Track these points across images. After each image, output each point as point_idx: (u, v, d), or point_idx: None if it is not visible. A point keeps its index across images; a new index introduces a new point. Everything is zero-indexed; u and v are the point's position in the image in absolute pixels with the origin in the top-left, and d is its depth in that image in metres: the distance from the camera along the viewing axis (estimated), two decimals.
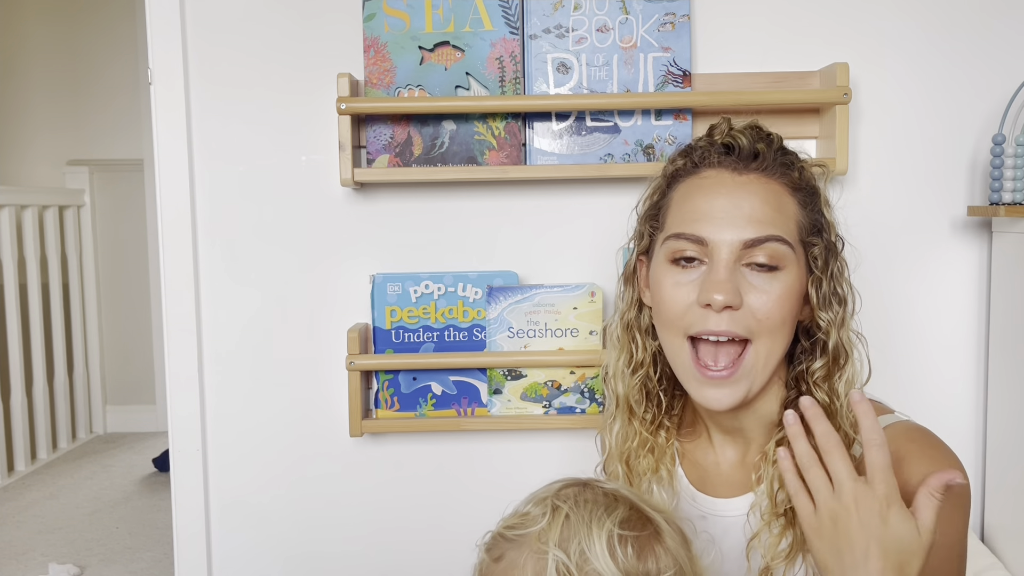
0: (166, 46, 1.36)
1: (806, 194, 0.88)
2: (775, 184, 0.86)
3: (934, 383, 1.41)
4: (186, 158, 1.38)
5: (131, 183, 3.71)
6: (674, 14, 1.33)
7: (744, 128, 0.89)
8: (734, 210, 0.84)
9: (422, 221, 1.40)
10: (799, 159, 0.90)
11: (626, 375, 0.96)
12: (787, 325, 0.86)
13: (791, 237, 0.85)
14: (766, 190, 0.85)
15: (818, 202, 0.89)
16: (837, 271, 0.89)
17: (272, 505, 1.43)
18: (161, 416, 3.63)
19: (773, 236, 0.83)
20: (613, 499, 0.73)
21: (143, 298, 3.71)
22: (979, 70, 1.37)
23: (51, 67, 3.83)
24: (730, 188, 0.85)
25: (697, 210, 0.86)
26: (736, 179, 0.86)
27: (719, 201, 0.85)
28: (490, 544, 0.76)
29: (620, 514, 0.71)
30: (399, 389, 1.36)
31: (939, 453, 0.84)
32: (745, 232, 0.83)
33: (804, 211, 0.87)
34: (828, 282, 0.87)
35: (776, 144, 0.89)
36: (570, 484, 0.77)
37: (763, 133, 0.90)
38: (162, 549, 2.48)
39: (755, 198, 0.84)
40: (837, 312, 0.88)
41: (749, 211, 0.84)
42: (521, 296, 1.33)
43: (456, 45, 1.33)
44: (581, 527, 0.70)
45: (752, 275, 0.84)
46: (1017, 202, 1.30)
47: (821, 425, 0.77)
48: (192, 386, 1.40)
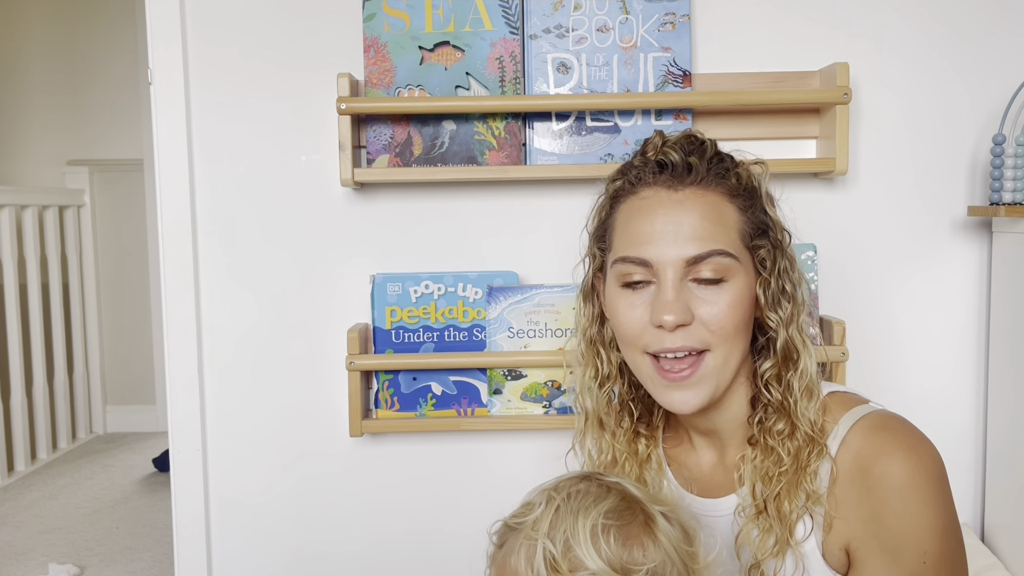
0: (166, 46, 1.36)
1: (746, 198, 0.89)
2: (712, 195, 0.87)
3: (934, 383, 1.41)
4: (186, 158, 1.38)
5: (131, 183, 3.71)
6: (674, 14, 1.33)
7: (677, 141, 0.90)
8: (674, 228, 0.86)
9: (422, 221, 1.40)
10: (735, 163, 0.90)
11: (593, 390, 0.98)
12: (742, 330, 0.88)
13: (733, 246, 0.86)
14: (703, 203, 0.86)
15: (759, 202, 0.90)
16: (785, 268, 0.89)
17: (272, 505, 1.43)
18: (161, 416, 3.63)
19: (715, 251, 0.85)
20: (606, 490, 0.76)
21: (143, 298, 3.71)
22: (979, 70, 1.37)
23: (51, 67, 3.82)
24: (668, 207, 0.87)
25: (640, 232, 0.87)
26: (672, 196, 0.87)
27: (658, 221, 0.86)
28: (497, 531, 0.79)
29: (608, 504, 0.74)
30: (399, 389, 1.36)
31: (913, 440, 0.84)
32: (687, 250, 0.85)
33: (745, 215, 0.88)
34: (776, 281, 0.88)
35: (710, 152, 0.89)
36: (573, 476, 0.79)
37: (695, 144, 0.90)
38: (162, 549, 2.48)
39: (693, 214, 0.86)
40: (786, 309, 0.89)
41: (689, 228, 0.85)
42: (521, 296, 1.33)
43: (456, 45, 1.33)
44: (568, 517, 0.73)
45: (700, 289, 0.86)
46: (1017, 202, 1.30)
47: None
48: (192, 386, 1.40)
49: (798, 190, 1.38)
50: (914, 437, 0.85)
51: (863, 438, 0.85)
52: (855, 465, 0.84)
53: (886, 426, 0.86)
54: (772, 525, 0.86)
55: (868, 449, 0.84)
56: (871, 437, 0.85)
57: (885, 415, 0.88)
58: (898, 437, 0.84)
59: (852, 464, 0.85)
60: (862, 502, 0.83)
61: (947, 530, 0.82)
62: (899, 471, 0.82)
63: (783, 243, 0.90)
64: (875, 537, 0.83)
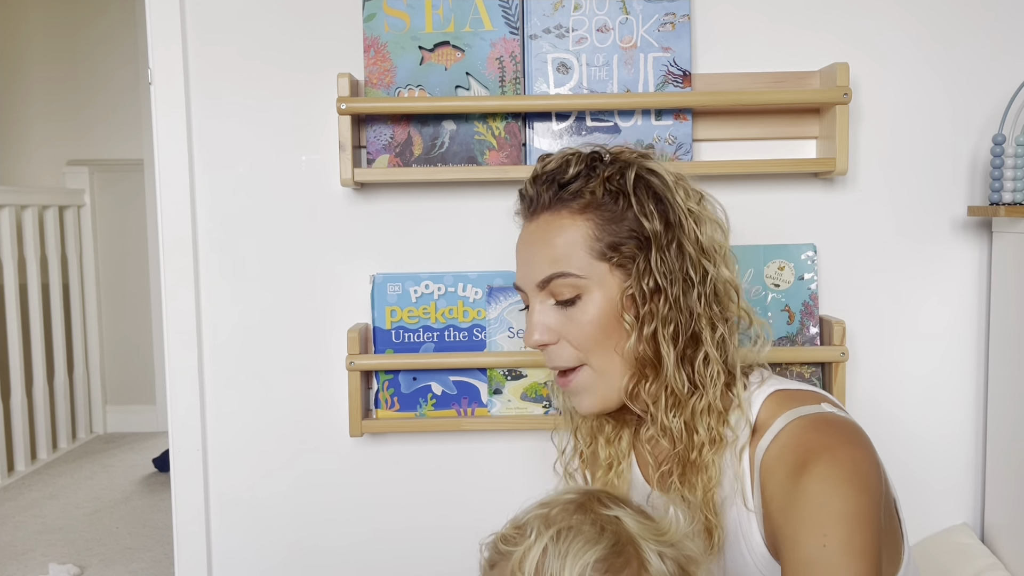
0: (166, 46, 1.36)
1: (604, 210, 0.90)
2: (561, 218, 0.91)
3: (934, 383, 1.41)
4: (186, 158, 1.38)
5: (131, 183, 3.71)
6: (674, 14, 1.33)
7: (538, 172, 0.94)
8: (528, 257, 0.93)
9: (422, 221, 1.40)
10: (593, 176, 0.91)
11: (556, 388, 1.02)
12: (612, 341, 0.90)
13: (579, 265, 0.89)
14: (550, 228, 0.91)
15: (619, 210, 0.90)
16: (655, 268, 0.88)
17: (272, 505, 1.43)
18: (161, 416, 3.64)
19: (555, 274, 0.90)
20: (600, 531, 0.72)
21: (143, 298, 3.71)
22: (979, 70, 1.37)
23: (51, 67, 3.83)
24: (524, 237, 0.95)
25: (516, 261, 0.97)
26: (528, 227, 0.95)
27: (521, 252, 0.95)
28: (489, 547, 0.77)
29: (599, 551, 0.70)
30: (399, 389, 1.36)
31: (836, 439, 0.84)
32: (535, 275, 0.92)
33: (602, 228, 0.89)
34: (645, 281, 0.89)
35: (568, 174, 0.91)
36: (571, 502, 0.76)
37: (551, 170, 0.93)
38: (162, 549, 2.48)
39: (540, 242, 0.92)
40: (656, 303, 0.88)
41: (538, 255, 0.92)
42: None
43: (456, 45, 1.33)
44: (555, 561, 0.70)
45: (561, 310, 0.91)
46: (1017, 202, 1.30)
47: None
48: (192, 386, 1.40)
49: (798, 190, 1.38)
50: (842, 438, 0.85)
51: (793, 435, 0.86)
52: (778, 459, 0.85)
53: (818, 427, 0.86)
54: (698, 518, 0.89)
55: (793, 445, 0.85)
56: (800, 435, 0.85)
57: (826, 417, 0.87)
58: (824, 437, 0.84)
59: (775, 458, 0.86)
60: (777, 495, 0.84)
61: (853, 520, 0.79)
62: (812, 465, 0.82)
63: (661, 241, 0.88)
64: (782, 528, 0.83)
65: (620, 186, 0.90)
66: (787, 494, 0.83)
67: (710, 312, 0.90)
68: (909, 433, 1.41)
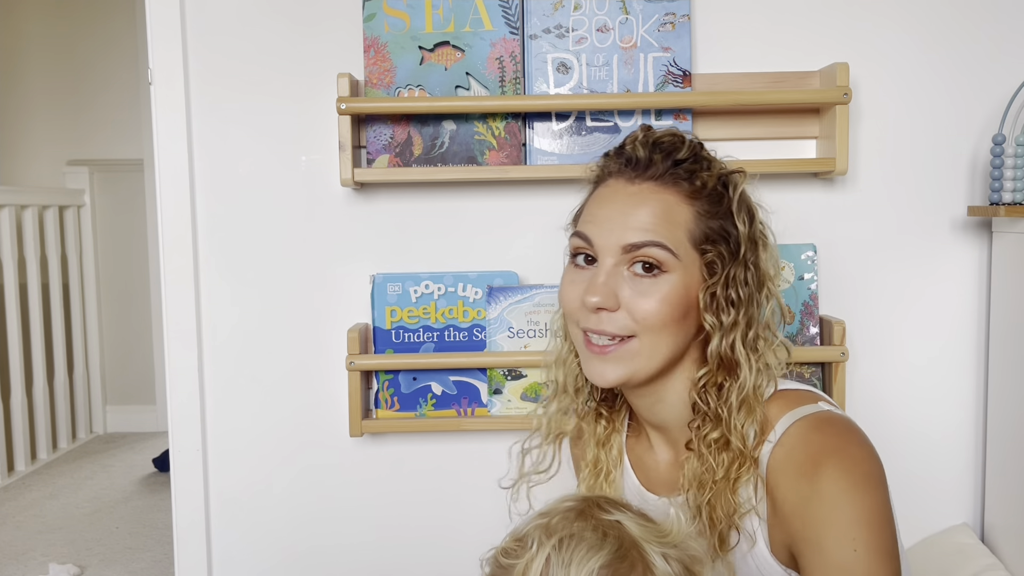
0: (166, 46, 1.36)
1: (707, 203, 0.90)
2: (667, 193, 0.90)
3: (934, 383, 1.41)
4: (186, 158, 1.38)
5: (131, 183, 3.71)
6: (674, 14, 1.33)
7: (651, 138, 0.93)
8: (620, 218, 0.90)
9: (422, 221, 1.40)
10: (708, 167, 0.92)
11: (569, 360, 1.01)
12: (671, 327, 0.89)
13: (676, 244, 0.88)
14: (655, 199, 0.89)
15: (723, 210, 0.91)
16: (739, 278, 0.89)
17: (272, 505, 1.43)
18: (161, 416, 3.63)
19: (652, 242, 0.88)
20: (602, 536, 0.71)
21: (143, 298, 3.71)
22: (979, 70, 1.37)
23: (51, 67, 3.82)
24: (622, 197, 0.91)
25: (592, 214, 0.93)
26: (628, 188, 0.91)
27: (610, 208, 0.91)
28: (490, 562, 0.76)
29: (603, 557, 0.70)
30: (399, 389, 1.36)
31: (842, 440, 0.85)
32: (626, 237, 0.89)
33: (702, 219, 0.90)
34: (723, 288, 0.89)
35: (684, 153, 0.91)
36: (571, 510, 0.75)
37: (669, 142, 0.92)
38: (162, 549, 2.48)
39: (642, 207, 0.89)
40: (730, 316, 0.89)
41: (635, 219, 0.89)
42: (521, 296, 1.33)
43: (456, 45, 1.33)
44: (560, 570, 0.69)
45: (634, 280, 0.89)
46: (1017, 202, 1.30)
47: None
48: (192, 386, 1.40)
49: (798, 190, 1.38)
50: (844, 437, 0.86)
51: (797, 437, 0.87)
52: (786, 462, 0.86)
53: (820, 427, 0.87)
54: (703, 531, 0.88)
55: (799, 448, 0.86)
56: (805, 436, 0.86)
57: (825, 416, 0.88)
58: (829, 437, 0.86)
59: (783, 461, 0.86)
60: (789, 497, 0.85)
61: (875, 523, 0.82)
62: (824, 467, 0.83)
63: (744, 255, 0.90)
64: (800, 531, 0.84)
65: (725, 185, 0.91)
66: (802, 498, 0.83)
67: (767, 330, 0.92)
68: (909, 433, 1.41)
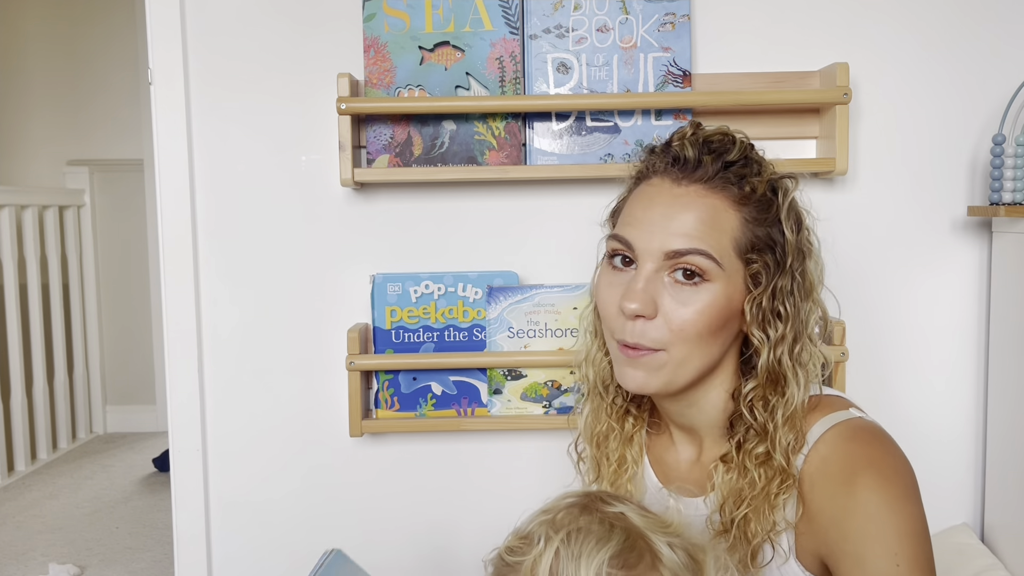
0: (166, 46, 1.36)
1: (756, 209, 0.86)
2: (715, 198, 0.85)
3: (934, 383, 1.41)
4: (186, 158, 1.38)
5: (131, 183, 3.71)
6: (674, 14, 1.33)
7: (702, 136, 0.89)
8: (664, 221, 0.85)
9: (422, 221, 1.40)
10: (759, 171, 0.87)
11: (598, 358, 0.98)
12: (707, 338, 0.85)
13: (721, 252, 0.84)
14: (702, 204, 0.85)
15: (771, 218, 0.87)
16: (785, 289, 0.86)
17: (272, 505, 1.43)
18: (161, 416, 3.63)
19: (696, 250, 0.84)
20: (609, 528, 0.71)
21: (143, 298, 3.71)
22: (979, 70, 1.37)
23: (51, 67, 3.82)
24: (667, 199, 0.86)
25: (634, 216, 0.88)
26: (674, 190, 0.87)
27: (653, 211, 0.87)
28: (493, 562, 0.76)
29: (612, 548, 0.70)
30: (399, 389, 1.36)
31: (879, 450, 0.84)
32: (669, 243, 0.84)
33: (749, 227, 0.85)
34: (769, 300, 0.85)
35: (734, 155, 0.87)
36: (574, 505, 0.75)
37: (720, 143, 0.88)
38: (162, 549, 2.48)
39: (688, 212, 0.85)
40: (776, 330, 0.86)
41: (679, 224, 0.85)
42: (521, 296, 1.33)
43: (456, 45, 1.33)
44: (570, 563, 0.69)
45: (674, 287, 0.85)
46: (1017, 202, 1.30)
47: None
48: (192, 386, 1.40)
49: (798, 190, 1.38)
50: (880, 447, 0.85)
51: (831, 446, 0.85)
52: (821, 472, 0.85)
53: (854, 436, 0.85)
54: (737, 545, 0.86)
55: (834, 457, 0.84)
56: (839, 445, 0.85)
57: (857, 424, 0.87)
58: (864, 447, 0.84)
59: (818, 471, 0.85)
60: (825, 508, 0.84)
61: (915, 536, 0.81)
62: (862, 479, 0.82)
63: (790, 265, 0.86)
64: (838, 543, 0.83)
65: (775, 194, 0.87)
66: (841, 510, 0.82)
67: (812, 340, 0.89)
68: (909, 433, 1.40)
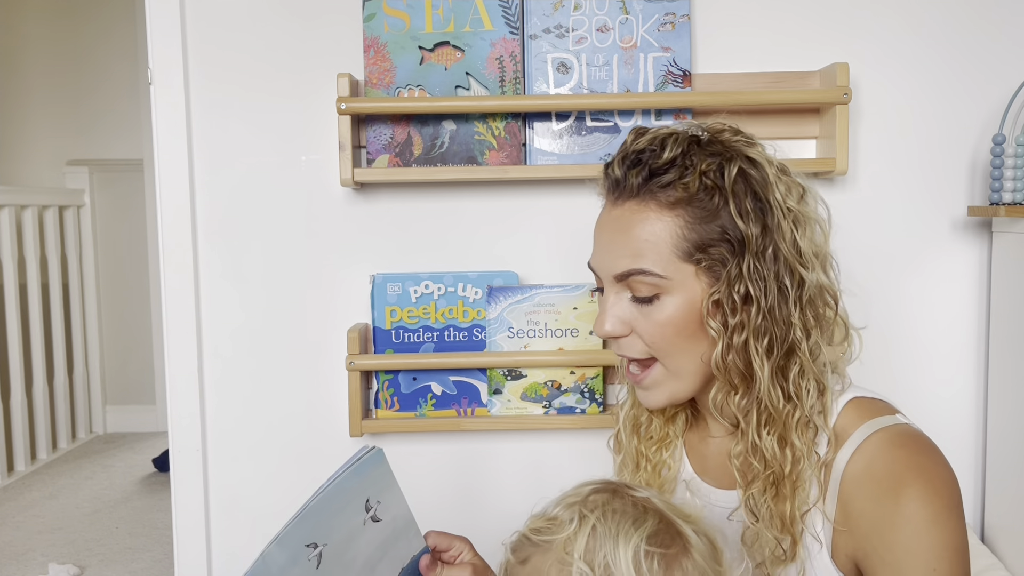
0: (166, 46, 1.36)
1: (695, 207, 0.83)
2: (646, 211, 0.84)
3: (934, 383, 1.41)
4: (186, 158, 1.38)
5: (131, 183, 3.72)
6: (674, 14, 1.33)
7: (631, 149, 0.86)
8: (608, 246, 0.87)
9: (422, 221, 1.40)
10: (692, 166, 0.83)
11: None
12: (684, 344, 0.85)
13: (663, 264, 0.83)
14: (635, 220, 0.84)
15: (715, 207, 0.83)
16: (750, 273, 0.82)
17: (272, 504, 1.43)
18: (161, 416, 3.63)
19: (635, 270, 0.84)
20: (643, 510, 0.72)
21: (143, 298, 3.71)
22: (979, 70, 1.37)
23: (51, 67, 3.82)
24: (607, 223, 0.88)
25: (593, 244, 0.90)
26: (612, 213, 0.87)
27: (601, 237, 0.89)
28: (516, 545, 0.76)
29: (648, 528, 0.71)
30: (399, 389, 1.36)
31: (928, 460, 0.83)
32: (614, 267, 0.86)
33: (690, 227, 0.82)
34: (728, 289, 0.82)
35: (660, 161, 0.84)
36: (600, 490, 0.76)
37: (646, 153, 0.85)
38: (162, 549, 2.48)
39: (623, 233, 0.85)
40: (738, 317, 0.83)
41: (618, 247, 0.85)
42: (521, 296, 1.33)
43: (456, 45, 1.33)
44: (608, 540, 0.69)
45: (636, 305, 0.86)
46: (1017, 202, 1.30)
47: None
48: (192, 386, 1.40)
49: None
50: (930, 458, 0.83)
51: (878, 449, 0.83)
52: (866, 474, 0.83)
53: (903, 443, 0.84)
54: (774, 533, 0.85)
55: (881, 462, 0.82)
56: (887, 450, 0.83)
57: (906, 430, 0.85)
58: (913, 455, 0.83)
59: (863, 473, 0.83)
60: (867, 512, 0.82)
61: (956, 553, 0.80)
62: (910, 490, 0.80)
63: (757, 244, 0.82)
64: (877, 551, 0.81)
65: (717, 181, 0.82)
66: (884, 518, 0.81)
67: (804, 320, 0.84)
68: None
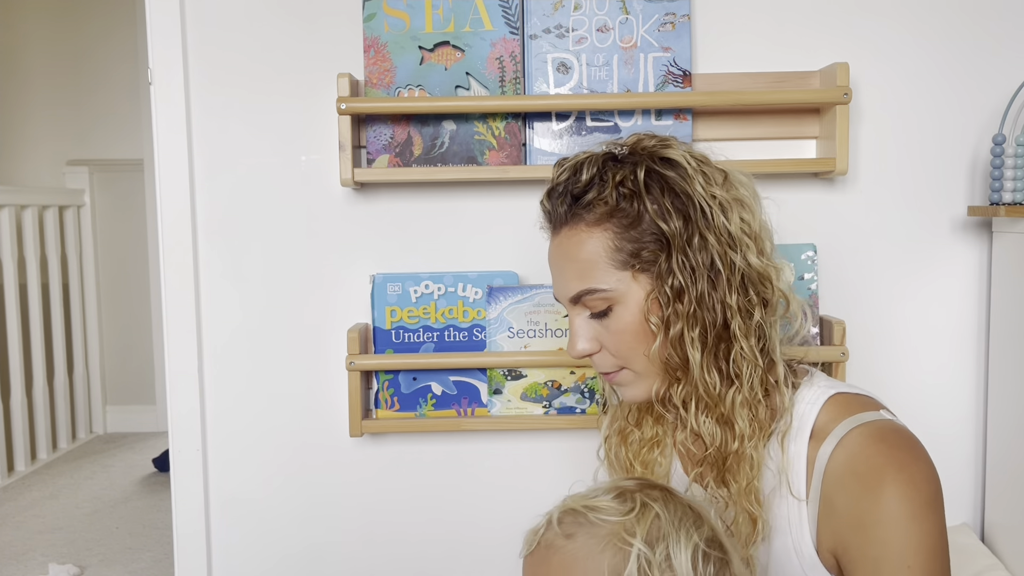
0: (166, 46, 1.36)
1: (620, 218, 0.86)
2: (579, 232, 0.88)
3: (934, 383, 1.41)
4: (186, 158, 1.38)
5: (131, 183, 3.71)
6: (674, 14, 1.33)
7: (553, 183, 0.92)
8: (558, 273, 0.92)
9: (422, 221, 1.40)
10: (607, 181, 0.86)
11: None
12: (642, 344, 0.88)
13: (604, 278, 0.87)
14: (571, 244, 0.89)
15: (636, 213, 0.86)
16: (680, 266, 0.85)
17: (272, 505, 1.43)
18: (161, 416, 3.63)
19: (584, 291, 0.88)
20: (699, 516, 0.75)
21: (143, 298, 3.71)
22: (979, 70, 1.37)
23: (51, 67, 3.82)
24: (551, 253, 0.93)
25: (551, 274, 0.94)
26: (553, 243, 0.93)
27: (552, 266, 0.93)
28: (562, 517, 0.75)
29: (706, 532, 0.73)
30: (399, 389, 1.36)
31: (909, 456, 0.84)
32: (566, 292, 0.90)
33: (619, 238, 0.86)
34: (661, 285, 0.86)
35: (579, 186, 0.88)
36: (653, 486, 0.77)
37: (563, 184, 0.90)
38: (162, 549, 2.48)
39: (565, 259, 0.90)
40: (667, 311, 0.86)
41: (565, 271, 0.90)
42: (521, 296, 1.33)
43: (456, 45, 1.33)
44: (671, 531, 0.71)
45: (596, 321, 0.90)
46: (1017, 202, 1.30)
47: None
48: (192, 386, 1.40)
49: (798, 190, 1.38)
50: (911, 453, 0.84)
51: (858, 444, 0.84)
52: (847, 468, 0.84)
53: (884, 437, 0.84)
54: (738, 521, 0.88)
55: (863, 456, 0.83)
56: (867, 445, 0.84)
57: (887, 425, 0.86)
58: (893, 450, 0.83)
59: (844, 467, 0.84)
60: (850, 507, 0.83)
61: (934, 550, 0.81)
62: (889, 485, 0.81)
63: (682, 237, 0.85)
64: (859, 546, 0.82)
65: (633, 187, 0.86)
66: (864, 513, 0.82)
67: (744, 300, 0.86)
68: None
